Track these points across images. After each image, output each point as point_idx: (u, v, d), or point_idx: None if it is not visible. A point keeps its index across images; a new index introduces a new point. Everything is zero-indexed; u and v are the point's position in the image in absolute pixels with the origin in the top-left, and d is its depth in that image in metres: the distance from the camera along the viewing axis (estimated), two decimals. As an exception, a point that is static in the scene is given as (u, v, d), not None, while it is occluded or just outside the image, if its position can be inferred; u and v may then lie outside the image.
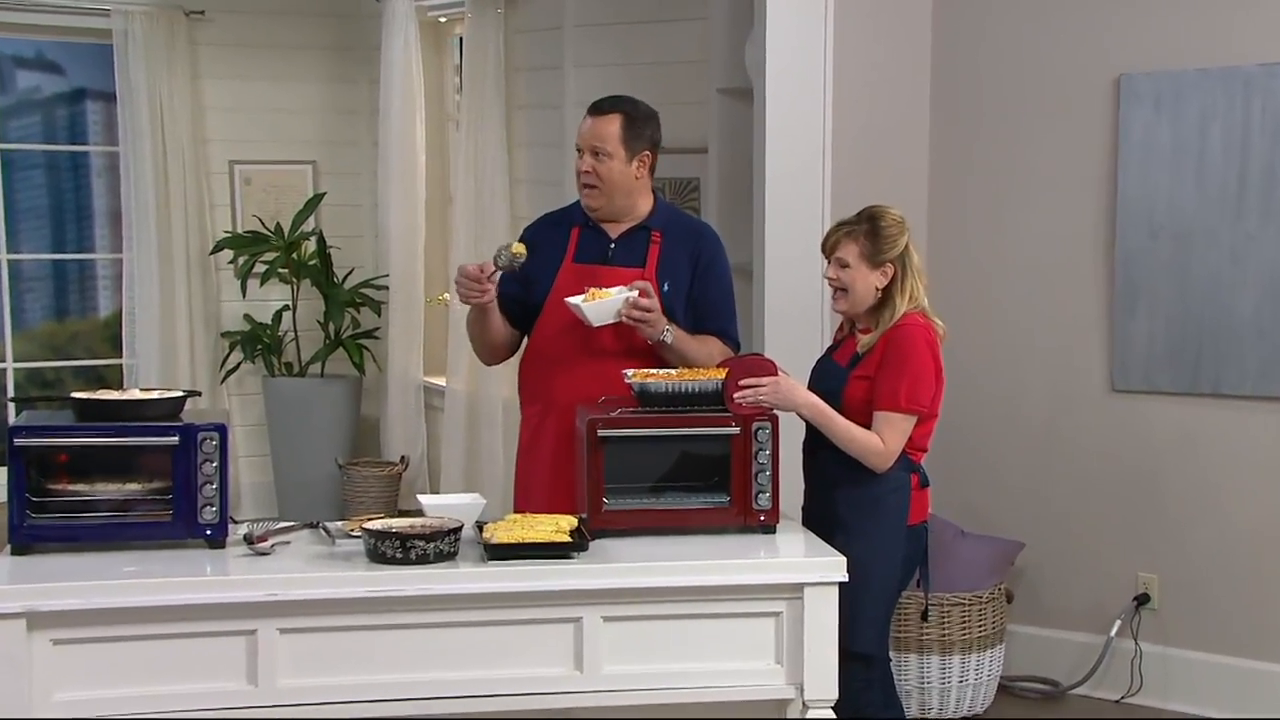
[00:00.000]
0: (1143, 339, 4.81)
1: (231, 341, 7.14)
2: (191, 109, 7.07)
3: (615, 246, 3.66)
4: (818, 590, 3.14)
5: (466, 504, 3.42)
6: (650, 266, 3.65)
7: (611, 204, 3.64)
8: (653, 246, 3.66)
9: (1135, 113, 4.78)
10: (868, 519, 3.41)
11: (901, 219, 3.47)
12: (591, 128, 3.62)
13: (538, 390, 3.76)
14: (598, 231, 3.69)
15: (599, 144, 3.60)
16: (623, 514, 3.32)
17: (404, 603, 3.03)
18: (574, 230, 3.70)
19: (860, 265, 3.44)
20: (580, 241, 3.69)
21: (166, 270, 7.02)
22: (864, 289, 3.45)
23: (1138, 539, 4.87)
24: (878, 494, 3.42)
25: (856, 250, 3.44)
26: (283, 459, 7.11)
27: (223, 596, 2.98)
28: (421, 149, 7.15)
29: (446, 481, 6.80)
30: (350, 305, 7.13)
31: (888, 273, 3.43)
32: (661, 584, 3.11)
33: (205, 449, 3.17)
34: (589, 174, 3.61)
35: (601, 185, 3.61)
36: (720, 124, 5.60)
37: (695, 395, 3.38)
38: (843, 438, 3.40)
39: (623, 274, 3.62)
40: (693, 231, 3.77)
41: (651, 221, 3.68)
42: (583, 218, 3.71)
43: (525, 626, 3.08)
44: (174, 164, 6.99)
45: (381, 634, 3.04)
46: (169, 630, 2.97)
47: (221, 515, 3.19)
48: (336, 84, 7.44)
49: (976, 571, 4.76)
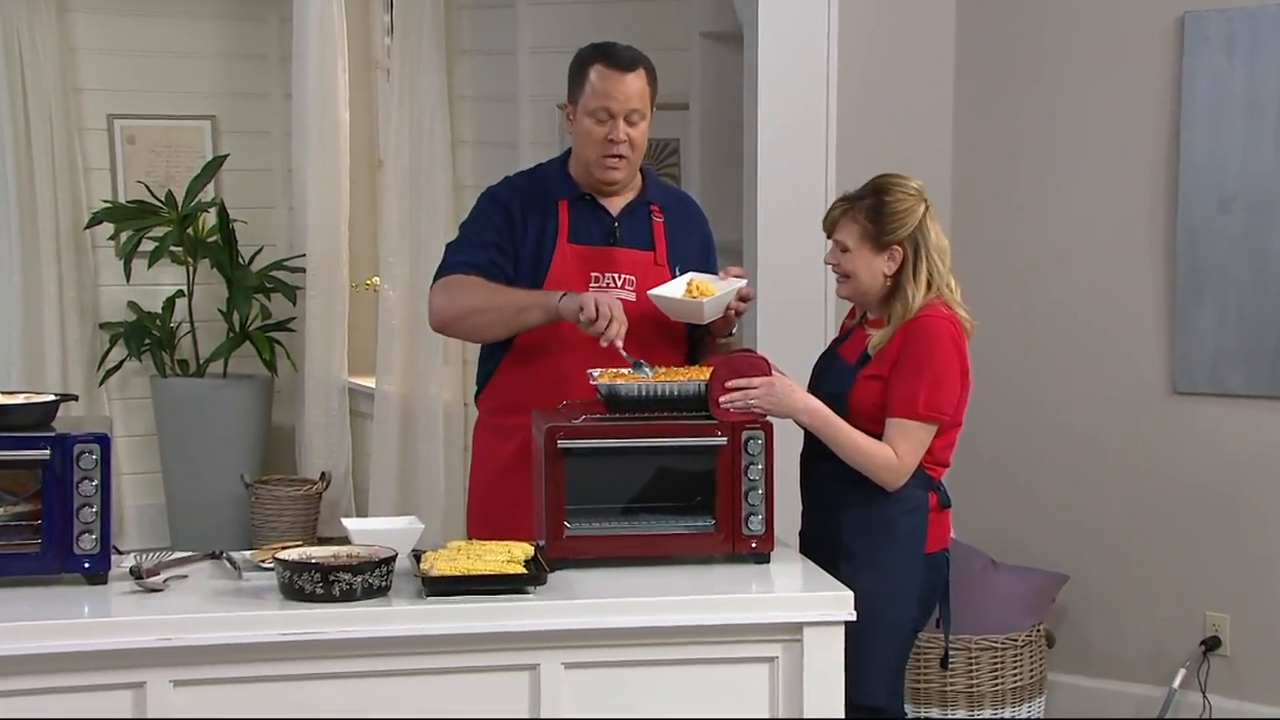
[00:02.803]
0: (1210, 332, 4.86)
1: (113, 335, 7.14)
2: (59, 51, 7.05)
3: (620, 224, 3.71)
4: (819, 631, 3.17)
5: (401, 529, 3.44)
6: (660, 249, 3.71)
7: (632, 174, 3.70)
8: (656, 224, 3.72)
9: (1202, 59, 4.82)
10: (878, 546, 3.45)
11: (917, 191, 3.50)
12: (623, 87, 3.61)
13: (528, 392, 3.66)
14: (593, 205, 3.71)
15: (636, 106, 3.61)
16: (588, 540, 3.34)
17: (325, 648, 3.05)
18: (562, 204, 3.71)
19: (862, 249, 3.47)
20: (574, 217, 3.70)
21: (30, 249, 7.01)
22: (868, 276, 3.49)
23: (1205, 572, 4.92)
24: (889, 516, 3.45)
25: (857, 231, 3.47)
26: (177, 476, 7.12)
27: (105, 643, 2.98)
28: (345, 103, 7.17)
29: (376, 502, 6.82)
30: (259, 291, 7.14)
31: (895, 257, 3.47)
32: (634, 624, 3.13)
33: (83, 464, 3.17)
34: (624, 144, 3.62)
35: (633, 156, 3.65)
36: (704, 74, 5.64)
37: (674, 399, 3.41)
38: (849, 449, 3.43)
39: (633, 256, 3.67)
40: (687, 204, 3.85)
41: (650, 194, 3.74)
42: (571, 189, 3.72)
43: (472, 675, 3.10)
44: (37, 119, 6.98)
45: (298, 685, 3.05)
46: (39, 684, 2.96)
47: (103, 545, 3.19)
48: (240, 22, 7.45)
49: (1011, 609, 4.81)
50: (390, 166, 6.83)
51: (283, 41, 7.35)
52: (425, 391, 6.62)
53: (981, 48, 5.17)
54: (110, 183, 7.26)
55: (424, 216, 6.60)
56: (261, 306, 7.21)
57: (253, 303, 7.12)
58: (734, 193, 5.17)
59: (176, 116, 7.35)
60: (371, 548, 3.22)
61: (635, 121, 3.62)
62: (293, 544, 3.38)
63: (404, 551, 3.31)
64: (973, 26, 5.18)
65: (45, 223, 7.02)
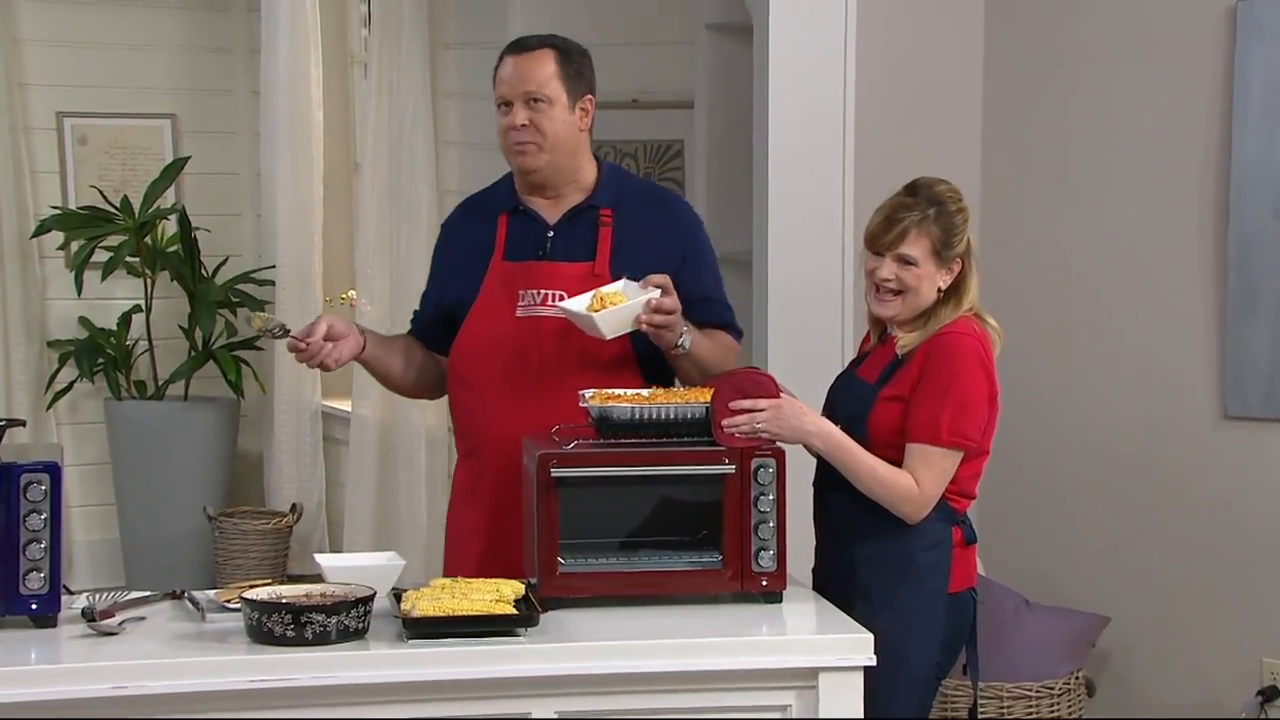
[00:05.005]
0: (1265, 351, 4.87)
1: (62, 353, 7.16)
2: (2, 40, 7.06)
3: (553, 236, 3.74)
4: (837, 677, 3.18)
5: (379, 566, 3.46)
6: (602, 258, 3.72)
7: (555, 166, 3.72)
8: (603, 230, 3.73)
9: (1256, 52, 4.82)
10: (897, 584, 3.45)
11: (963, 197, 3.54)
12: (518, 69, 3.70)
13: (466, 428, 3.83)
14: (530, 218, 3.77)
15: (534, 89, 3.68)
16: (583, 578, 3.36)
17: (298, 695, 3.06)
18: (501, 218, 3.78)
19: (928, 263, 3.48)
20: (510, 232, 3.77)
21: (-29, 260, 7.05)
22: (928, 292, 3.50)
23: (1262, 613, 4.92)
24: (910, 551, 3.46)
25: (929, 245, 3.47)
26: (133, 509, 7.13)
27: (54, 691, 2.99)
28: (318, 101, 7.20)
29: (352, 537, 6.83)
30: (224, 306, 7.16)
31: (954, 270, 3.50)
32: (633, 669, 3.15)
33: (31, 496, 3.19)
34: (525, 128, 3.68)
35: (543, 141, 3.69)
36: (711, 70, 5.66)
37: (673, 423, 3.42)
38: (865, 478, 3.44)
39: (564, 270, 3.70)
40: (657, 205, 3.84)
41: (598, 197, 3.76)
42: (512, 199, 3.79)
43: (456, 726, 3.12)
44: (-21, 116, 7.02)
45: (267, 737, 3.08)
46: (-16, 735, 2.98)
47: (52, 584, 3.20)
48: (203, 11, 7.48)
49: (1046, 654, 4.82)
50: (368, 170, 6.85)
51: (250, 33, 7.38)
52: (406, 417, 6.63)
53: (1013, 41, 5.20)
54: (60, 187, 7.28)
55: (404, 224, 6.62)
56: (226, 323, 7.22)
57: (217, 319, 7.13)
58: (743, 199, 5.19)
59: (133, 115, 7.38)
60: (347, 586, 3.24)
61: (540, 108, 3.68)
62: (261, 582, 3.39)
63: (383, 590, 3.32)
64: (1004, 17, 5.20)
65: (-12, 232, 7.06)
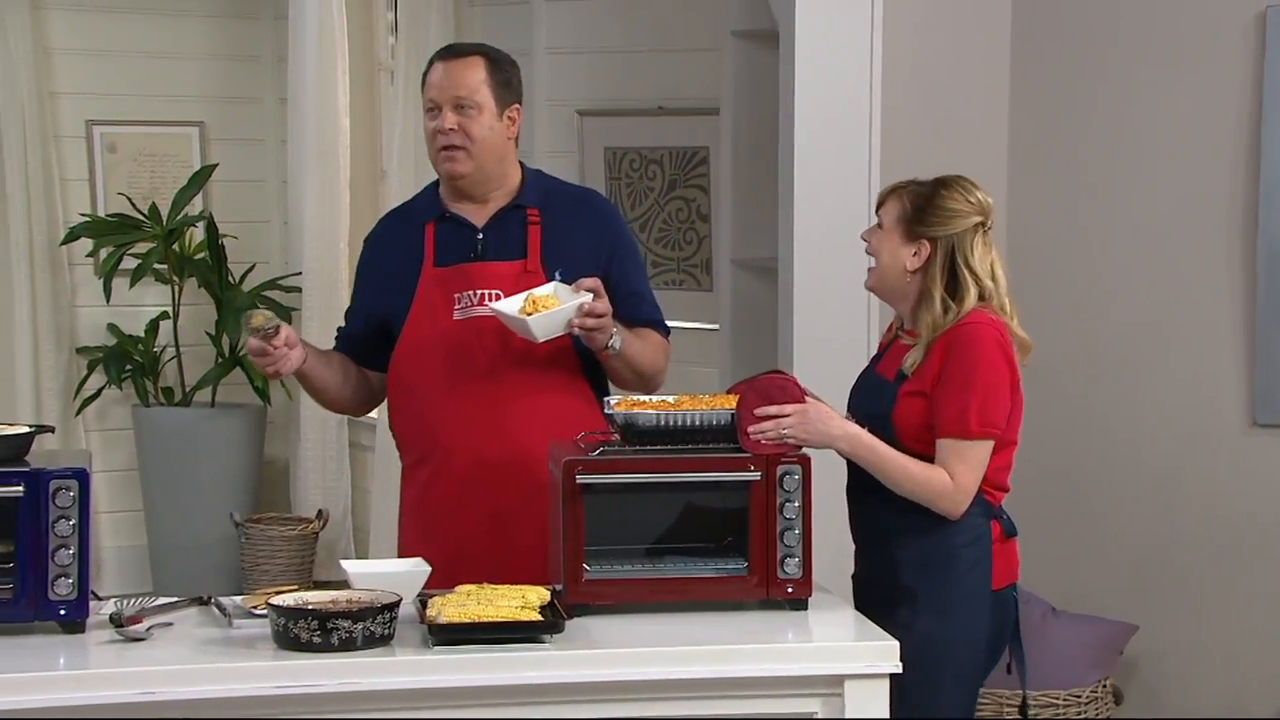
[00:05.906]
0: (1295, 356, 4.86)
1: (91, 360, 7.18)
2: (33, 50, 7.09)
3: (484, 238, 3.81)
4: (863, 684, 3.18)
5: (405, 572, 3.46)
6: (533, 255, 3.79)
7: (482, 172, 3.79)
8: (531, 229, 3.80)
9: (1285, 56, 4.83)
10: (940, 584, 3.43)
11: (982, 204, 3.49)
12: (447, 75, 3.77)
13: (413, 436, 3.91)
14: (458, 224, 3.83)
15: (462, 94, 3.74)
16: (608, 585, 3.36)
17: (323, 701, 3.06)
18: (428, 227, 3.84)
19: (894, 230, 3.51)
20: (439, 239, 3.83)
21: (1, 267, 7.06)
22: (890, 262, 3.51)
23: (1290, 621, 4.92)
24: (951, 548, 3.43)
25: (897, 211, 3.51)
26: (160, 515, 7.15)
27: (83, 697, 2.99)
28: (345, 109, 7.21)
29: (378, 543, 6.84)
30: (250, 312, 7.17)
31: (921, 253, 3.48)
32: (659, 676, 3.14)
33: (59, 502, 3.20)
34: (453, 132, 3.74)
35: (470, 146, 3.76)
36: (736, 77, 5.66)
37: (698, 430, 3.42)
38: (898, 478, 3.42)
39: (498, 269, 3.76)
40: (581, 203, 3.93)
41: (524, 198, 3.84)
42: (437, 208, 3.86)
43: (481, 732, 3.12)
44: (10, 125, 7.03)
45: (293, 742, 3.08)
46: (11, 742, 2.99)
47: (80, 590, 3.21)
48: (231, 20, 7.50)
49: (1074, 663, 4.80)
50: (394, 177, 6.86)
51: (278, 41, 7.40)
52: (432, 423, 6.63)
53: (1040, 46, 5.19)
54: (89, 195, 7.30)
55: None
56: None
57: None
58: (768, 205, 5.19)
59: (161, 123, 7.40)
60: (373, 592, 3.24)
61: (469, 113, 3.74)
62: (287, 588, 3.40)
63: (408, 597, 3.33)
64: (1031, 23, 5.19)
65: (18, 238, 7.07)
